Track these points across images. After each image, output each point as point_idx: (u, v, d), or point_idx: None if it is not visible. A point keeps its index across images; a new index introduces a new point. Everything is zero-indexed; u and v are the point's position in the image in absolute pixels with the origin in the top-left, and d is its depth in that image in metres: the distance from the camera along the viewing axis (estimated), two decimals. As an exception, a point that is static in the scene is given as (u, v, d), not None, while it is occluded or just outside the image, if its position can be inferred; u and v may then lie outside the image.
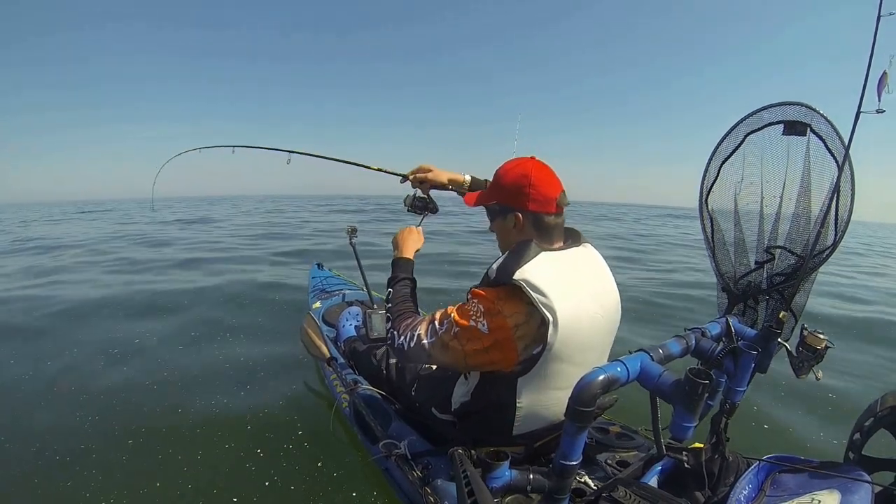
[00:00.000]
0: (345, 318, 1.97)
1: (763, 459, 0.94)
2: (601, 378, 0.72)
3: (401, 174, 1.47)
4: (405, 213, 1.45)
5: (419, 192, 1.45)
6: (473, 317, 0.95)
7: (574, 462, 0.77)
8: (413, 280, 1.25)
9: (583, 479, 1.07)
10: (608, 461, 1.18)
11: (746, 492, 0.88)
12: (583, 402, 0.71)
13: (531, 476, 0.99)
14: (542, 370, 0.97)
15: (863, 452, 1.00)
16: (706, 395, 0.70)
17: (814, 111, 1.01)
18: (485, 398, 1.08)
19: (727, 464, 1.00)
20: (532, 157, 1.06)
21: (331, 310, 2.37)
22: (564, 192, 1.04)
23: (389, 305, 1.18)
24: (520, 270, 0.92)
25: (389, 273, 1.27)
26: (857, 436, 1.00)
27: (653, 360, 0.80)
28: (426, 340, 1.01)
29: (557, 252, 1.01)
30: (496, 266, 0.97)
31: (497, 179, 1.08)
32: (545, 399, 1.02)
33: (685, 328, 0.99)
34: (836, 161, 0.98)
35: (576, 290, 0.97)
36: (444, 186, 1.42)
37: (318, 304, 2.51)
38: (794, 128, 1.04)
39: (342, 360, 1.77)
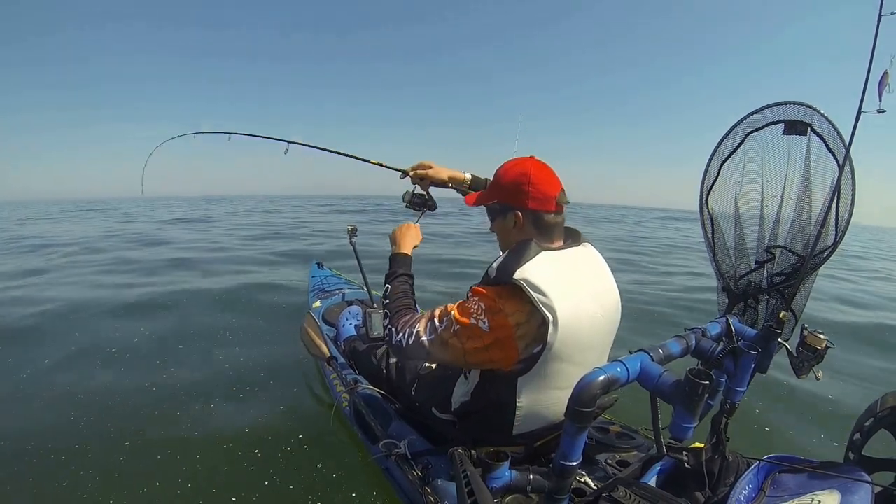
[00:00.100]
0: (345, 318, 1.97)
1: (763, 459, 0.93)
2: (601, 378, 0.72)
3: (401, 169, 1.47)
4: (404, 214, 1.44)
5: (418, 189, 1.45)
6: (474, 315, 0.94)
7: (574, 462, 0.77)
8: (411, 276, 1.23)
9: (583, 479, 1.07)
10: (608, 461, 1.18)
11: (746, 492, 0.87)
12: (583, 403, 0.71)
13: (531, 476, 0.99)
14: (542, 370, 0.96)
15: (863, 453, 1.00)
16: (706, 396, 0.70)
17: (814, 111, 1.01)
18: (485, 398, 1.08)
19: (727, 464, 1.00)
20: (531, 157, 1.06)
21: (331, 309, 2.37)
22: (564, 191, 1.04)
23: (387, 301, 1.16)
24: (520, 270, 0.92)
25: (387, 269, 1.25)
26: (857, 436, 1.00)
27: (653, 361, 0.80)
28: (425, 338, 1.00)
29: (557, 252, 1.01)
30: (496, 265, 0.97)
31: (497, 179, 1.08)
32: (545, 399, 1.02)
33: (685, 328, 0.99)
34: (837, 161, 0.98)
35: (576, 290, 0.97)
36: (445, 184, 1.42)
37: (318, 304, 2.50)
38: (795, 127, 1.04)
39: (342, 360, 1.77)
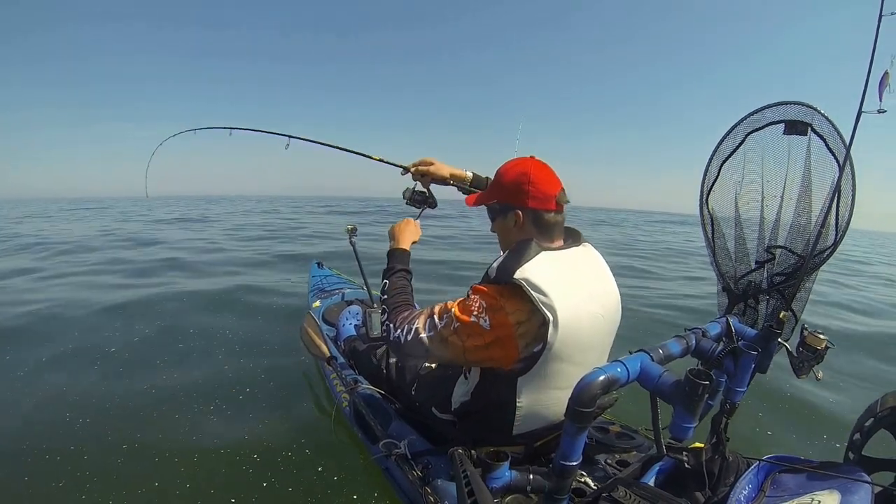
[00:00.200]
0: (345, 318, 1.97)
1: (763, 459, 0.93)
2: (601, 378, 0.72)
3: (402, 166, 1.46)
4: (405, 215, 1.44)
5: (419, 186, 1.44)
6: (475, 312, 0.94)
7: (574, 462, 0.77)
8: (410, 272, 1.22)
9: (583, 480, 1.07)
10: (608, 461, 1.18)
11: (746, 492, 0.87)
12: (583, 403, 0.71)
13: (531, 476, 0.99)
14: (543, 370, 0.96)
15: (863, 453, 1.00)
16: (706, 396, 0.70)
17: (815, 111, 1.01)
18: (485, 398, 1.08)
19: (727, 464, 1.00)
20: (531, 157, 1.06)
21: (331, 309, 2.37)
22: (564, 190, 1.04)
23: (385, 297, 1.14)
24: (520, 269, 0.92)
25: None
26: (857, 436, 1.00)
27: (653, 361, 0.80)
28: (424, 334, 0.99)
29: (558, 252, 1.01)
30: (496, 265, 0.97)
31: (497, 179, 1.09)
32: (545, 399, 1.02)
33: (685, 328, 0.99)
34: (837, 161, 0.98)
35: (576, 290, 0.97)
36: (446, 181, 1.41)
37: (318, 304, 2.50)
38: (795, 127, 1.04)
39: (342, 360, 1.77)
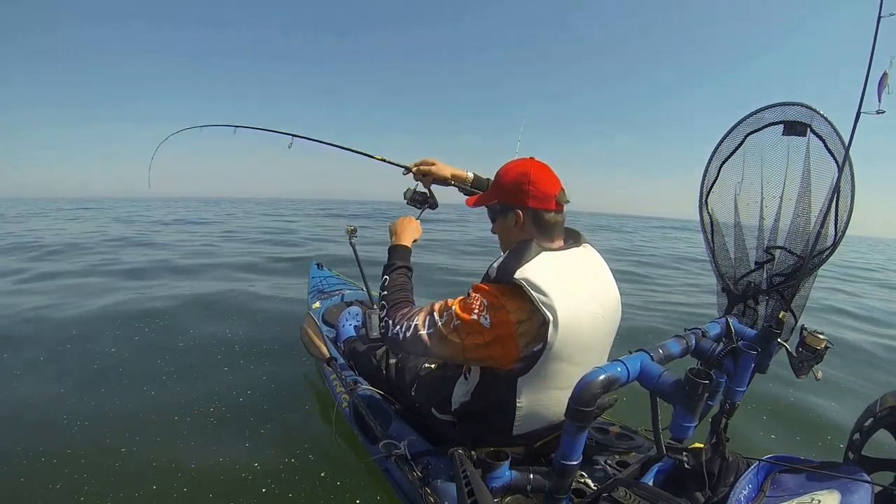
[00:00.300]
0: (344, 319, 1.97)
1: (763, 459, 0.93)
2: (601, 378, 0.72)
3: (404, 166, 1.46)
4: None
5: (420, 186, 1.44)
6: (476, 311, 0.94)
7: (574, 462, 0.77)
8: (410, 268, 1.21)
9: (583, 480, 1.07)
10: (608, 461, 1.18)
11: (746, 492, 0.87)
12: (583, 402, 0.71)
13: (531, 476, 0.99)
14: (543, 370, 0.96)
15: (862, 453, 1.01)
16: (706, 395, 0.70)
17: (814, 111, 1.01)
18: (485, 398, 1.08)
19: (727, 464, 1.00)
20: (531, 158, 1.07)
21: (330, 310, 2.37)
22: (564, 190, 1.04)
23: (385, 293, 1.13)
24: (520, 269, 0.92)
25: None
26: (857, 436, 1.00)
27: (653, 360, 0.80)
28: (423, 331, 0.99)
29: (558, 252, 1.01)
30: (497, 265, 0.97)
31: (497, 179, 1.09)
32: (545, 399, 1.02)
33: (685, 328, 0.99)
34: (836, 161, 0.98)
35: (576, 290, 0.97)
36: (447, 181, 1.41)
37: (318, 305, 2.50)
38: (794, 128, 1.04)
39: (342, 361, 1.77)
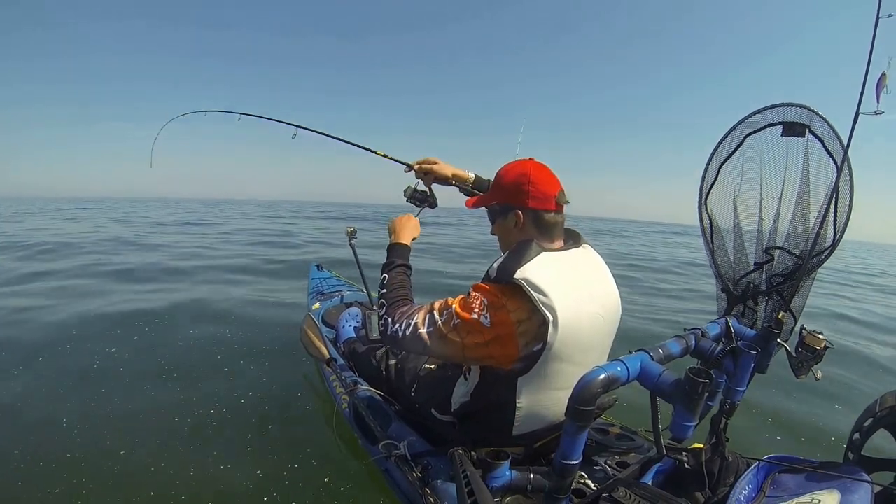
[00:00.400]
0: (344, 320, 1.97)
1: (763, 459, 0.94)
2: (601, 377, 0.72)
3: (405, 163, 1.46)
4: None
5: (420, 185, 1.44)
6: (476, 310, 0.94)
7: (574, 461, 0.77)
8: (409, 267, 1.21)
9: (583, 481, 1.07)
10: (608, 462, 1.18)
11: (746, 492, 0.88)
12: (583, 401, 0.72)
13: (531, 476, 0.99)
14: (542, 370, 0.96)
15: (862, 452, 1.01)
16: (706, 395, 0.70)
17: (813, 112, 1.02)
18: (485, 398, 1.08)
19: (727, 464, 1.00)
20: (531, 158, 1.07)
21: (330, 311, 2.37)
22: (563, 191, 1.05)
23: (384, 291, 1.12)
24: (520, 270, 0.92)
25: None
26: (857, 436, 1.00)
27: (653, 360, 0.80)
28: (423, 330, 0.98)
29: (558, 252, 1.02)
30: (497, 265, 0.97)
31: (497, 180, 1.09)
32: (545, 399, 1.02)
33: (685, 328, 0.99)
34: (835, 162, 0.98)
35: (576, 291, 0.97)
36: (448, 181, 1.41)
37: (318, 306, 2.50)
38: (793, 129, 1.05)
39: (342, 362, 1.77)
